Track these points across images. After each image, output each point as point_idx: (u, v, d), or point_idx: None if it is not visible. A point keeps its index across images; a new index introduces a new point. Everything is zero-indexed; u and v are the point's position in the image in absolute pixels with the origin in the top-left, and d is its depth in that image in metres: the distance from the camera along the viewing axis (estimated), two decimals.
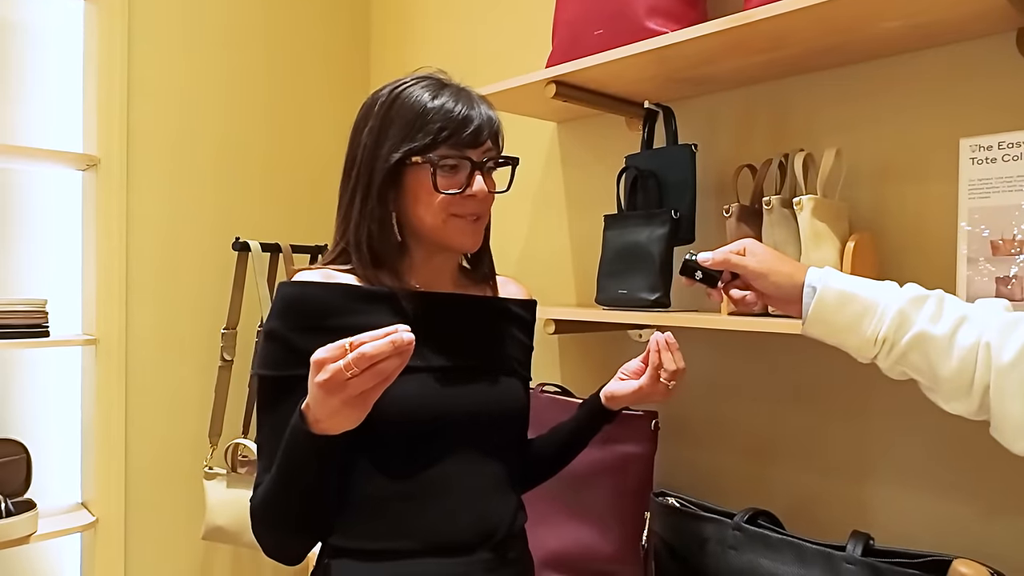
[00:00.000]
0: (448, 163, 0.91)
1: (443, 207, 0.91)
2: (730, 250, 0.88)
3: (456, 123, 0.90)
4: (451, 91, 0.93)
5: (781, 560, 1.03)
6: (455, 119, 0.90)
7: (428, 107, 0.90)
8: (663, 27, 1.21)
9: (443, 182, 0.90)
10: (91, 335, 1.82)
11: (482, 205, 0.94)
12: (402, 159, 0.90)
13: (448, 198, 0.91)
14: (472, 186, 0.91)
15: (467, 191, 0.91)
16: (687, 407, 1.42)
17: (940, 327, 0.76)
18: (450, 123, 0.90)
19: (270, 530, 0.87)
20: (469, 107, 0.92)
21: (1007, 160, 0.93)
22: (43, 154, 1.76)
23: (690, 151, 1.26)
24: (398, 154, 0.90)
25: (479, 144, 0.92)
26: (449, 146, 0.90)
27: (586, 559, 1.34)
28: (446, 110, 0.90)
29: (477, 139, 0.91)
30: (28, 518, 1.65)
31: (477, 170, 0.92)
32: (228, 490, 1.82)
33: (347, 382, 0.71)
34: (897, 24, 1.04)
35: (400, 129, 0.91)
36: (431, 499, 0.89)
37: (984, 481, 1.07)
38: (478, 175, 0.92)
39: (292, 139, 2.17)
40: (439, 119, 0.90)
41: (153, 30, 1.90)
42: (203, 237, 1.99)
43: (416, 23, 2.16)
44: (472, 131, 0.91)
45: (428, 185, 0.90)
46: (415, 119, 0.90)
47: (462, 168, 0.91)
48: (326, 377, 0.71)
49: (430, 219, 0.92)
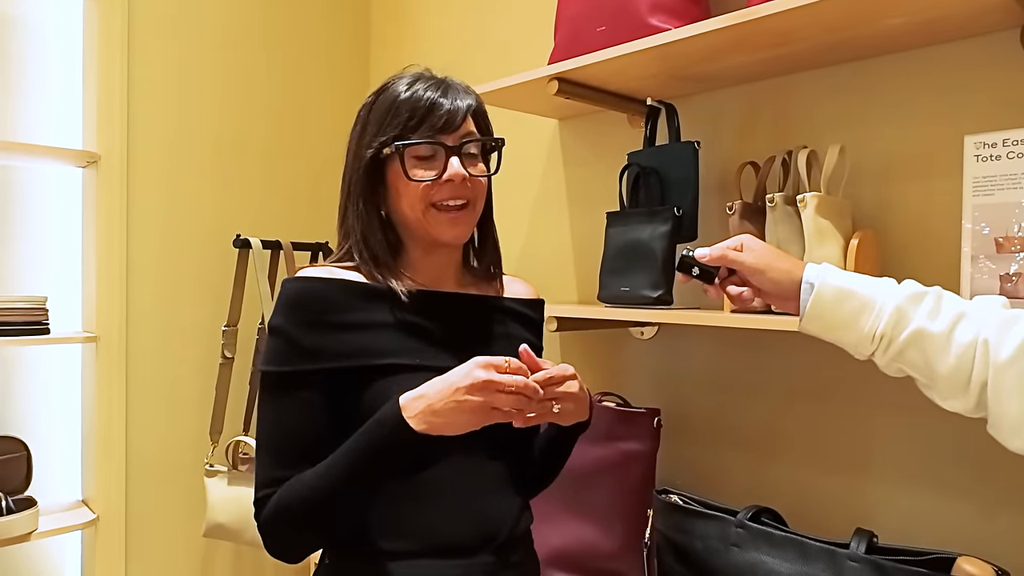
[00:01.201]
0: (420, 152, 0.90)
1: (421, 197, 0.91)
2: (727, 246, 0.87)
3: (424, 110, 0.90)
4: (425, 81, 0.93)
5: (784, 557, 1.03)
6: (422, 106, 0.90)
7: (399, 99, 0.92)
8: (666, 24, 1.21)
9: (415, 170, 0.90)
10: (91, 332, 1.81)
11: (461, 190, 0.92)
12: (375, 153, 0.91)
13: (425, 187, 0.90)
14: (447, 170, 0.90)
15: (444, 177, 0.90)
16: (690, 404, 1.42)
17: (938, 324, 0.75)
18: (417, 111, 0.90)
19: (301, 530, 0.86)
20: (441, 94, 0.91)
21: (1011, 157, 0.92)
22: (43, 151, 1.75)
23: (693, 148, 1.26)
24: (371, 149, 0.91)
25: (452, 129, 0.91)
26: (419, 134, 0.90)
27: (588, 556, 1.34)
28: (415, 99, 0.91)
29: (450, 124, 0.90)
30: (28, 516, 1.64)
31: (452, 154, 0.91)
32: (229, 487, 1.82)
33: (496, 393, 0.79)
34: (901, 21, 1.04)
35: (375, 125, 0.93)
36: (431, 500, 0.89)
37: (987, 479, 1.07)
38: (453, 159, 0.91)
39: (293, 135, 2.16)
40: (406, 108, 0.91)
41: (153, 26, 1.89)
42: (204, 234, 1.99)
43: (416, 16, 2.15)
44: (442, 116, 0.90)
45: (403, 176, 0.90)
46: (387, 113, 0.92)
47: (437, 155, 0.91)
48: (491, 376, 0.79)
49: (411, 212, 0.92)
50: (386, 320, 0.90)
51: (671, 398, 1.45)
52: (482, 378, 0.78)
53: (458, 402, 0.79)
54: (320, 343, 0.88)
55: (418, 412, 0.80)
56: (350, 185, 0.96)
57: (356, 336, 0.89)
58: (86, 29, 1.83)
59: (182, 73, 1.95)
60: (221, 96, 2.03)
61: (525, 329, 1.04)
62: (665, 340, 1.48)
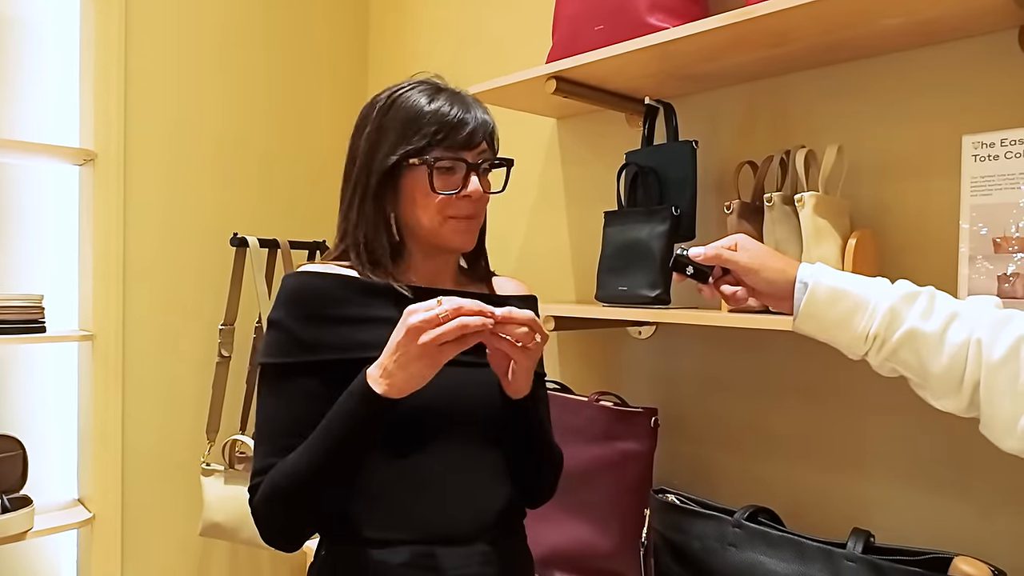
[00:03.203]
0: (444, 165, 0.93)
1: (439, 208, 0.94)
2: (721, 245, 0.87)
3: (451, 126, 0.92)
4: (447, 95, 0.96)
5: (781, 557, 1.03)
6: (450, 122, 0.93)
7: (424, 110, 0.93)
8: (664, 23, 1.21)
9: (439, 183, 0.93)
10: (88, 331, 1.81)
11: (477, 205, 0.96)
12: (399, 161, 0.93)
13: (444, 199, 0.93)
14: (467, 187, 0.94)
15: (462, 192, 0.94)
16: (687, 404, 1.42)
17: (931, 324, 0.75)
18: (445, 126, 0.92)
19: (289, 508, 0.87)
20: (464, 110, 0.94)
21: (1009, 157, 0.92)
22: (40, 149, 1.75)
23: (691, 147, 1.26)
24: (395, 156, 0.93)
25: (474, 146, 0.94)
26: (444, 148, 0.93)
27: (585, 556, 1.34)
28: (441, 113, 0.93)
29: (471, 141, 0.94)
30: (24, 514, 1.64)
31: (472, 171, 0.94)
32: (226, 486, 1.81)
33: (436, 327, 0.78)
34: (899, 20, 1.04)
35: (397, 132, 0.94)
36: (425, 489, 0.90)
37: (984, 478, 1.07)
38: (473, 176, 0.94)
39: (290, 133, 2.16)
40: (434, 122, 0.93)
41: (150, 24, 1.89)
42: (200, 232, 1.98)
43: (415, 15, 2.15)
44: (467, 133, 0.93)
45: (424, 187, 0.93)
46: (411, 122, 0.93)
47: (457, 170, 0.94)
48: (420, 319, 0.78)
49: (427, 221, 0.95)
50: (383, 315, 0.91)
51: (668, 397, 1.45)
52: (413, 322, 0.79)
53: (405, 354, 0.80)
54: (318, 336, 0.90)
55: (378, 377, 0.82)
56: (359, 186, 0.96)
57: (353, 330, 0.91)
58: (83, 27, 1.83)
59: (179, 71, 1.95)
60: (218, 94, 2.02)
61: None
62: (663, 340, 1.48)
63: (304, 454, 0.85)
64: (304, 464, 0.85)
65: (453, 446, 0.92)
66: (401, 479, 0.90)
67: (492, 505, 0.93)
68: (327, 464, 0.84)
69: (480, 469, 0.94)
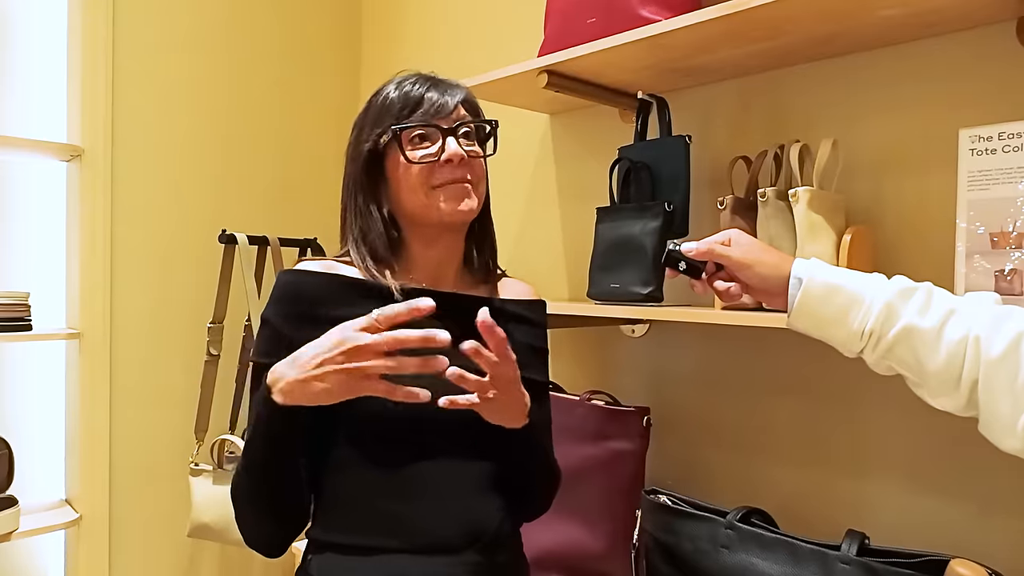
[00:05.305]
0: (416, 133, 0.92)
1: (422, 181, 0.92)
2: (715, 240, 0.86)
3: (415, 100, 0.93)
4: (418, 78, 0.96)
5: (774, 559, 1.01)
6: (415, 98, 0.93)
7: (392, 96, 0.95)
8: (657, 15, 1.19)
9: (414, 151, 0.92)
10: (75, 329, 1.79)
11: (461, 170, 0.93)
12: (373, 146, 0.94)
13: (426, 170, 0.92)
14: (445, 151, 0.92)
15: (442, 157, 0.92)
16: (680, 403, 1.41)
17: (928, 320, 0.74)
18: (411, 101, 0.93)
19: (243, 505, 0.89)
20: (432, 88, 0.94)
21: (1007, 151, 0.91)
22: (26, 144, 1.72)
23: (684, 142, 1.24)
24: (368, 143, 0.94)
25: (447, 113, 0.93)
26: (414, 121, 0.92)
27: (576, 557, 1.32)
28: (406, 92, 0.94)
29: (444, 109, 0.93)
30: (10, 515, 1.62)
31: (449, 134, 0.93)
32: (214, 487, 1.79)
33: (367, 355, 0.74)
34: (895, 12, 1.02)
35: (372, 122, 0.95)
36: (415, 498, 0.89)
37: (980, 480, 1.06)
38: (450, 139, 0.93)
39: (280, 129, 2.14)
40: (400, 101, 0.94)
41: (138, 19, 1.87)
42: (189, 229, 1.96)
43: (407, 9, 2.13)
44: (437, 103, 0.93)
45: (403, 164, 0.92)
46: (385, 110, 0.94)
47: (432, 137, 0.93)
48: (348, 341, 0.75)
49: (413, 197, 0.93)
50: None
51: (661, 396, 1.43)
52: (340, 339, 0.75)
53: (319, 370, 0.75)
54: (307, 337, 0.86)
55: (284, 382, 0.78)
56: (349, 181, 0.98)
57: None
58: (70, 22, 1.81)
59: (166, 67, 1.93)
60: (206, 90, 2.00)
61: (524, 332, 1.03)
62: (656, 338, 1.46)
63: (246, 453, 0.86)
64: (244, 463, 0.86)
65: (444, 456, 0.90)
66: (391, 487, 0.88)
67: (482, 515, 0.91)
68: (262, 461, 0.85)
69: (470, 478, 0.92)
